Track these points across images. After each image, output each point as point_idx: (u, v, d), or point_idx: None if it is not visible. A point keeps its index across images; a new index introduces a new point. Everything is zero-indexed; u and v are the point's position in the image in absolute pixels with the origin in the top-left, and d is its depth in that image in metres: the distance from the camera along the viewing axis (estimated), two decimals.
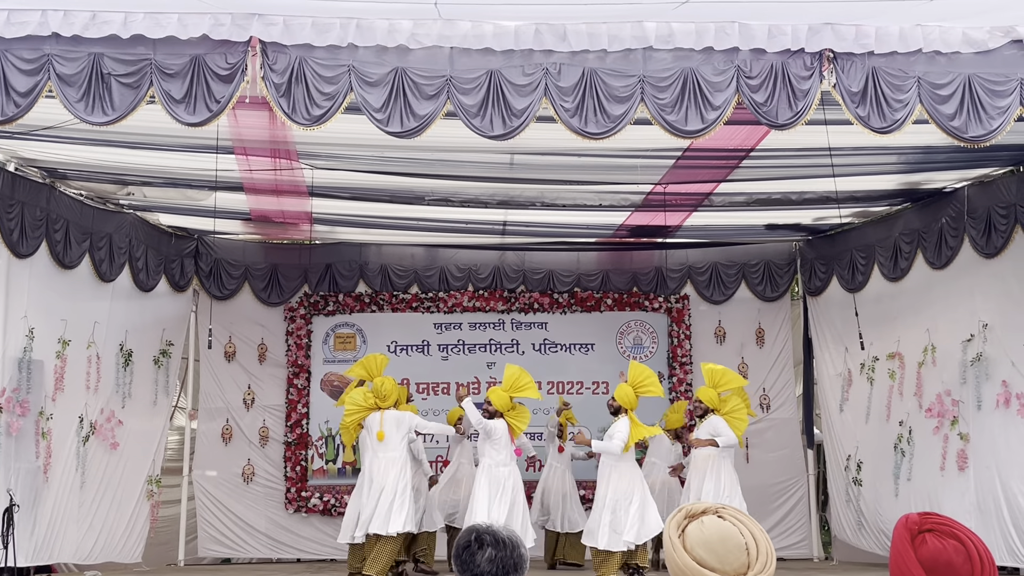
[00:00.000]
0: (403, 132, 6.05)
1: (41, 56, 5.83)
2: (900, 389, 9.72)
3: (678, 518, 1.82)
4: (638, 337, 11.39)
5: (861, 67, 6.06)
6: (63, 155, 7.90)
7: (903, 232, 9.62)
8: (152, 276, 10.00)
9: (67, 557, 8.82)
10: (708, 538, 1.76)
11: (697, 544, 1.76)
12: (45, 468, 8.25)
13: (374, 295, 11.31)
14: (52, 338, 8.41)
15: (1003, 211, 8.22)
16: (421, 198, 9.23)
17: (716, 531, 1.77)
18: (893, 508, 9.37)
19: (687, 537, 1.78)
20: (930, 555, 1.70)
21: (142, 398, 9.91)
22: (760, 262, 11.44)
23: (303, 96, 5.94)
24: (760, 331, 11.41)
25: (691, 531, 1.79)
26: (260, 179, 8.62)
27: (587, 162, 8.04)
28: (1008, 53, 6.11)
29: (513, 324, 11.34)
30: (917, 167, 8.42)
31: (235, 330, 11.05)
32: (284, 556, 10.84)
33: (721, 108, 6.02)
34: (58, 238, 8.44)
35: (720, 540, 1.76)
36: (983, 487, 8.41)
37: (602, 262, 11.48)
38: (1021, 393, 8.10)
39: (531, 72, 6.02)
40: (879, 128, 6.10)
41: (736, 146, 7.64)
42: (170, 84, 5.88)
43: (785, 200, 9.38)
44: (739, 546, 1.76)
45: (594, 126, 6.02)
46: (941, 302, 9.12)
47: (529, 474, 10.31)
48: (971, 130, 6.11)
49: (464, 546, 2.08)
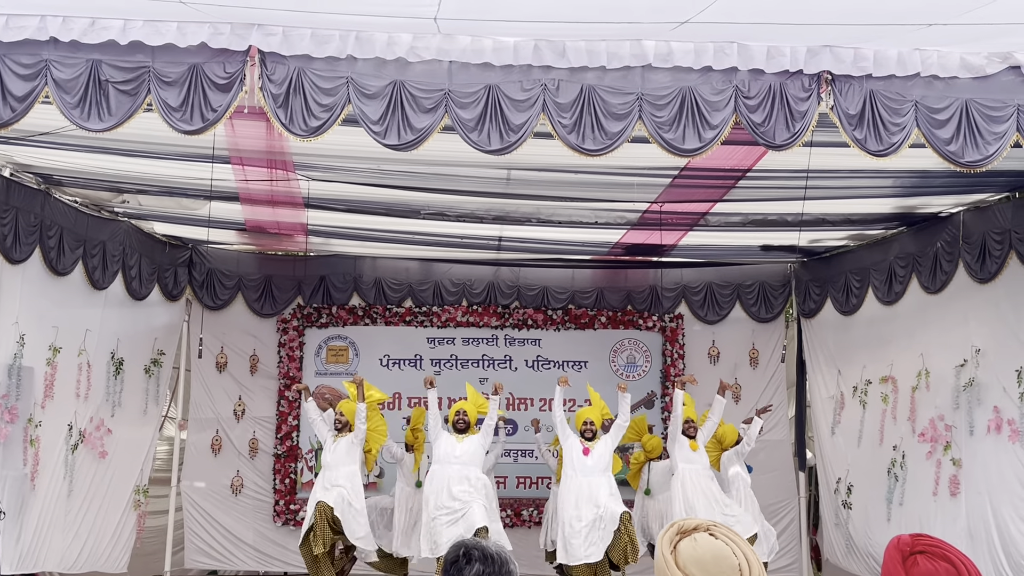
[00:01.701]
0: (400, 145, 6.04)
1: (39, 61, 5.81)
2: (894, 413, 9.71)
3: (670, 533, 1.80)
4: (631, 355, 11.38)
5: (859, 90, 6.07)
6: (59, 161, 7.88)
7: (898, 256, 9.63)
8: (145, 285, 9.97)
9: (52, 566, 8.74)
10: (701, 556, 1.74)
11: (690, 561, 1.74)
12: (32, 476, 8.19)
13: (368, 308, 11.28)
14: (43, 345, 8.36)
15: (998, 237, 8.23)
16: (417, 212, 9.23)
17: (709, 549, 1.75)
18: (884, 532, 9.34)
19: (679, 554, 1.75)
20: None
21: (132, 407, 9.86)
22: (755, 283, 11.45)
23: (301, 107, 5.93)
24: (754, 352, 11.41)
25: (684, 548, 1.76)
26: (256, 189, 8.61)
27: (584, 179, 8.04)
28: (1006, 79, 6.13)
29: (506, 340, 11.33)
30: (913, 191, 8.43)
31: (227, 341, 11.02)
32: (271, 569, 10.77)
33: (719, 127, 6.02)
34: (52, 244, 8.41)
35: (714, 559, 1.73)
36: (974, 513, 8.38)
37: (597, 280, 11.48)
38: (1013, 419, 8.09)
39: (529, 88, 6.02)
40: (876, 151, 6.11)
41: (733, 166, 7.65)
42: (167, 92, 5.87)
43: (781, 221, 9.39)
44: (732, 566, 1.74)
45: (591, 143, 6.02)
46: (935, 326, 9.12)
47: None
48: (968, 155, 6.12)
49: (452, 561, 2.07)
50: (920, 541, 1.73)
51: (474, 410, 8.82)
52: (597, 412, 8.83)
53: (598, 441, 8.60)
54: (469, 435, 8.70)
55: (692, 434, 9.07)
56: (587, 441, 8.64)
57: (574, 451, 8.58)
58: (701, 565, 1.72)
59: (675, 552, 1.75)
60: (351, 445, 8.68)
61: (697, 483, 8.84)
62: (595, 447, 8.53)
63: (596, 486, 8.40)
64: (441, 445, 8.57)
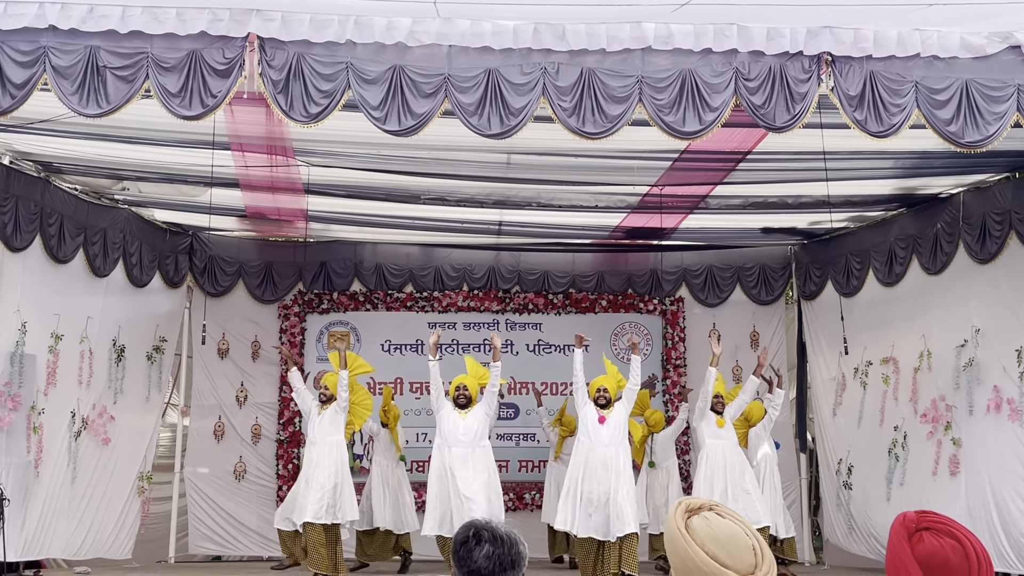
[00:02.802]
0: (400, 130, 6.04)
1: (37, 48, 5.80)
2: (895, 394, 9.74)
3: (680, 511, 1.81)
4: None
5: (859, 71, 6.06)
6: (58, 149, 7.87)
7: (898, 237, 9.63)
8: (146, 272, 9.98)
9: (57, 552, 8.78)
10: (718, 535, 1.74)
11: (708, 540, 1.74)
12: (36, 463, 8.22)
13: (368, 294, 11.29)
14: (45, 332, 8.38)
15: (998, 217, 8.23)
16: (417, 197, 9.22)
17: (724, 528, 1.75)
18: (885, 512, 9.38)
19: (695, 531, 1.75)
20: (927, 553, 1.69)
21: (135, 394, 9.88)
22: (755, 265, 11.45)
23: (301, 93, 5.93)
24: (755, 334, 11.42)
25: (698, 526, 1.76)
26: (256, 176, 8.60)
27: (584, 163, 8.03)
28: (1006, 59, 6.12)
29: (508, 324, 11.33)
30: (913, 172, 8.43)
31: (228, 327, 11.03)
32: (275, 554, 10.79)
33: (719, 109, 6.02)
34: (52, 232, 8.41)
35: (730, 538, 1.74)
36: (974, 492, 8.42)
37: (597, 263, 11.48)
38: (1012, 398, 8.12)
39: (529, 71, 6.01)
40: (876, 132, 6.11)
41: (733, 148, 7.65)
42: (166, 78, 5.86)
43: (781, 204, 9.39)
44: (747, 546, 1.74)
45: (592, 126, 6.02)
46: (936, 307, 9.13)
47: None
48: (968, 135, 6.12)
49: (462, 542, 2.07)
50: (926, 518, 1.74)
51: (475, 383, 8.70)
52: (612, 381, 8.53)
53: (612, 409, 8.32)
54: (472, 409, 8.58)
55: (720, 410, 8.94)
56: (602, 409, 8.34)
57: (589, 420, 8.27)
58: (719, 543, 1.72)
59: (690, 529, 1.76)
60: (335, 415, 8.55)
61: (722, 460, 8.69)
62: (611, 415, 8.24)
63: (612, 459, 8.14)
64: (445, 422, 8.45)
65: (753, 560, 1.73)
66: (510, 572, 2.05)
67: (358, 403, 8.78)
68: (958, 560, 1.69)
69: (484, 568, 2.03)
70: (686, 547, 1.74)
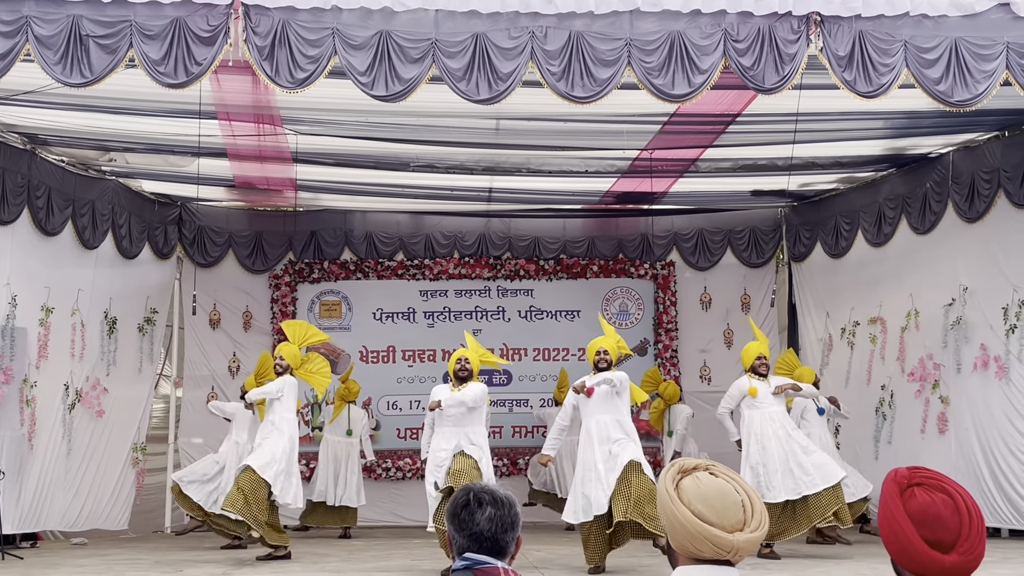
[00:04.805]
0: (388, 96, 6.00)
1: (19, 18, 5.74)
2: (882, 353, 9.80)
3: (672, 472, 1.84)
4: (624, 304, 11.42)
5: (848, 31, 6.04)
6: (44, 120, 7.80)
7: (887, 198, 9.65)
8: (135, 243, 9.94)
9: (53, 524, 8.82)
10: (705, 493, 1.78)
11: (695, 499, 1.78)
12: (30, 436, 8.23)
13: (359, 262, 11.27)
14: (35, 305, 8.35)
15: (987, 176, 8.25)
16: (406, 164, 9.18)
17: (713, 487, 1.79)
18: (873, 470, 9.47)
19: (683, 491, 1.79)
20: (919, 508, 1.72)
21: (127, 366, 9.88)
22: (745, 228, 11.47)
23: (286, 59, 5.88)
24: (745, 297, 11.46)
25: (687, 485, 1.80)
26: (244, 145, 8.54)
27: (573, 127, 8.00)
28: (995, 17, 6.11)
29: (499, 291, 11.34)
30: (903, 132, 8.43)
31: (219, 297, 11.01)
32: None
33: (708, 72, 6.00)
34: (40, 205, 8.36)
35: (718, 496, 1.78)
36: (963, 449, 8.52)
37: (588, 229, 11.48)
38: (999, 356, 8.19)
39: (517, 35, 5.97)
40: (865, 92, 6.10)
41: (722, 111, 7.62)
42: (149, 46, 5.80)
43: (771, 166, 9.38)
44: (736, 503, 1.78)
45: (580, 90, 5.99)
46: (924, 267, 9.17)
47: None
48: (957, 94, 6.12)
49: (463, 505, 2.09)
50: (917, 473, 1.77)
51: (476, 359, 8.25)
52: (612, 342, 7.45)
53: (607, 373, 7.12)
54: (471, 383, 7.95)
55: (764, 372, 7.73)
56: (601, 372, 7.24)
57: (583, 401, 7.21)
58: (706, 502, 1.77)
59: (678, 489, 1.79)
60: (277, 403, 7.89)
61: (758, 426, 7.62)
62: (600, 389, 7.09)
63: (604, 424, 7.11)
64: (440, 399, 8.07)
65: (741, 517, 1.76)
66: (510, 533, 2.08)
67: (316, 371, 8.51)
68: (950, 514, 1.71)
69: (487, 531, 2.05)
70: (672, 507, 1.78)
